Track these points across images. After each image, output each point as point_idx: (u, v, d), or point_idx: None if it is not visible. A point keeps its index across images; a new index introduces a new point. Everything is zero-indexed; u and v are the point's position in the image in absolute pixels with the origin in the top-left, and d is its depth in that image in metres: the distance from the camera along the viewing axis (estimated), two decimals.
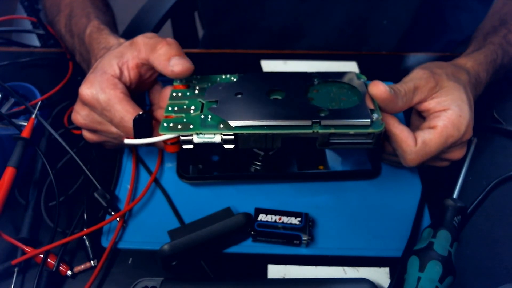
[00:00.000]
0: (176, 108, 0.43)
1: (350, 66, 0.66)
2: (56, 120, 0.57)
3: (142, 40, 0.44)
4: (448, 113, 0.41)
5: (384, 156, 0.49)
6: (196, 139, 0.40)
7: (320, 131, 0.39)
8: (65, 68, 0.62)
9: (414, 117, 0.48)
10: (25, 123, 0.49)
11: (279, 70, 0.65)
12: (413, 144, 0.41)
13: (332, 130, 0.39)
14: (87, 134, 0.47)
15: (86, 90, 0.42)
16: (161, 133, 0.40)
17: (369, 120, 0.39)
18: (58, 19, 0.58)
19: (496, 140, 0.55)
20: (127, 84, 0.44)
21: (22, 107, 0.52)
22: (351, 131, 0.39)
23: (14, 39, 0.72)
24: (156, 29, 0.79)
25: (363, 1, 0.70)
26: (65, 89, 0.59)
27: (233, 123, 0.39)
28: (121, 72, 0.43)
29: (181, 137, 0.40)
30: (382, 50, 0.77)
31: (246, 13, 0.75)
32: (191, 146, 0.41)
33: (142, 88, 0.47)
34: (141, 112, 0.41)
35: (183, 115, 0.42)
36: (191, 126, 0.40)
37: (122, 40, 0.49)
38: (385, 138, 0.43)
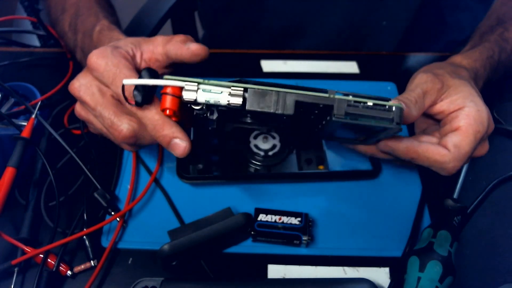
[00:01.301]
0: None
1: (350, 66, 0.66)
2: (56, 120, 0.57)
3: (160, 38, 0.45)
4: (465, 110, 0.41)
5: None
6: (200, 95, 0.35)
7: (337, 97, 0.35)
8: (65, 68, 0.62)
9: (420, 119, 0.47)
10: (25, 123, 0.49)
11: (279, 71, 0.65)
12: (446, 152, 0.39)
13: (351, 98, 0.35)
14: (78, 107, 0.44)
15: (96, 56, 0.41)
16: (166, 78, 0.36)
17: (389, 98, 0.36)
18: (62, 18, 0.58)
19: (496, 140, 0.55)
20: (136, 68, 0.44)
21: (22, 107, 0.52)
22: (370, 102, 0.35)
23: (14, 39, 0.72)
24: (156, 29, 0.79)
25: (363, 2, 0.70)
26: (65, 89, 0.59)
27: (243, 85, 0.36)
28: (134, 55, 0.43)
29: (185, 90, 0.36)
30: (382, 50, 0.77)
31: (246, 13, 0.75)
32: (192, 98, 0.36)
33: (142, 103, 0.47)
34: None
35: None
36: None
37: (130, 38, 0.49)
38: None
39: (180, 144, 0.38)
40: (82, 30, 0.54)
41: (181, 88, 0.36)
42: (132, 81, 0.37)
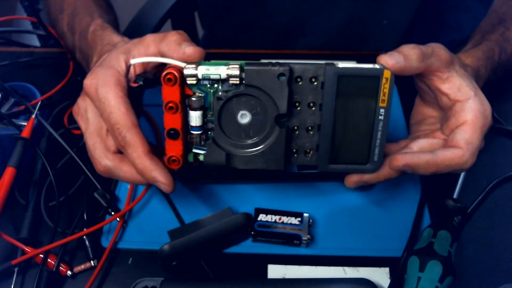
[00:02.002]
0: None
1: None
2: (56, 120, 0.57)
3: (150, 36, 0.43)
4: (470, 103, 0.40)
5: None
6: (200, 70, 0.37)
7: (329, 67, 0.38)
8: (65, 68, 0.62)
9: (417, 110, 0.46)
10: (25, 123, 0.49)
11: None
12: (461, 152, 0.39)
13: (340, 64, 0.37)
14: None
15: (89, 80, 0.40)
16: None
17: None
18: (61, 18, 0.59)
19: (496, 140, 0.55)
20: (132, 80, 0.43)
21: (22, 107, 0.52)
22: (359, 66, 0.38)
23: (14, 39, 0.72)
24: (156, 29, 0.79)
25: (364, 1, 0.70)
26: (65, 89, 0.59)
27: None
28: (127, 68, 0.43)
29: (185, 69, 0.37)
30: (382, 49, 0.76)
31: (247, 12, 0.75)
32: (194, 81, 0.37)
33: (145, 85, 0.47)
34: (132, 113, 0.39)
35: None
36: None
37: (126, 38, 0.49)
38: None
39: (162, 186, 0.39)
40: (79, 30, 0.54)
41: (182, 70, 0.37)
42: (139, 60, 0.39)
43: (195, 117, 0.38)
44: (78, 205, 0.49)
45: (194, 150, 0.40)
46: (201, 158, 0.40)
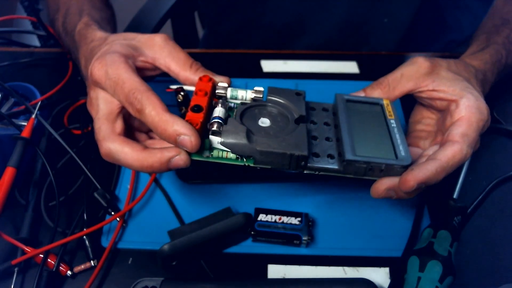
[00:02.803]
0: None
1: (350, 66, 0.66)
2: (56, 120, 0.57)
3: (163, 43, 0.43)
4: (464, 101, 0.41)
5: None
6: (229, 92, 0.41)
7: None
8: (65, 68, 0.62)
9: (416, 111, 0.48)
10: (25, 123, 0.49)
11: (279, 71, 0.65)
12: (459, 147, 0.39)
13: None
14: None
15: (96, 67, 0.40)
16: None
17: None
18: (57, 18, 0.58)
19: (496, 140, 0.55)
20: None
21: (22, 107, 0.52)
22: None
23: (14, 39, 0.72)
24: (156, 29, 0.80)
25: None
26: (65, 89, 0.59)
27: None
28: (134, 56, 0.42)
29: (217, 88, 0.41)
30: (382, 49, 0.77)
31: (247, 11, 0.75)
32: (223, 93, 0.41)
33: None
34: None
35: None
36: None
37: (110, 34, 0.47)
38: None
39: (187, 139, 0.36)
40: (69, 31, 0.53)
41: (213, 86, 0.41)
42: (175, 86, 0.44)
43: (218, 111, 0.39)
44: (78, 205, 0.49)
45: (211, 137, 0.37)
46: (222, 138, 0.37)
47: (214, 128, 0.37)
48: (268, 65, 0.66)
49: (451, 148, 0.39)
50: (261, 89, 0.41)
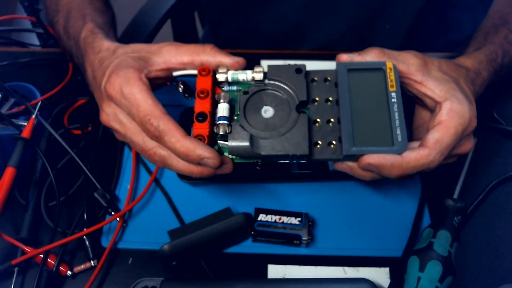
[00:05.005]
0: None
1: None
2: (56, 120, 0.57)
3: (170, 47, 0.43)
4: (446, 104, 0.41)
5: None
6: (230, 75, 0.41)
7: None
8: (65, 68, 0.62)
9: (416, 116, 0.47)
10: (25, 123, 0.49)
11: None
12: (427, 152, 0.39)
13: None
14: (117, 135, 0.44)
15: (111, 84, 0.40)
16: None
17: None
18: (57, 20, 0.58)
19: (496, 140, 0.55)
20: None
21: (22, 107, 0.52)
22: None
23: (14, 39, 0.72)
24: (156, 29, 0.79)
25: (366, 6, 0.70)
26: (65, 89, 0.59)
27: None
28: (147, 70, 0.43)
29: (218, 73, 0.42)
30: None
31: (250, 16, 0.75)
32: (223, 78, 0.42)
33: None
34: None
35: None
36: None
37: (117, 43, 0.47)
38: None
39: (210, 162, 0.38)
40: (72, 36, 0.53)
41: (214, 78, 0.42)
42: (180, 72, 0.43)
43: (222, 108, 0.40)
44: (78, 205, 0.49)
45: (219, 142, 0.40)
46: (228, 143, 0.39)
47: (221, 132, 0.39)
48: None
49: (418, 151, 0.39)
50: (261, 68, 0.41)
